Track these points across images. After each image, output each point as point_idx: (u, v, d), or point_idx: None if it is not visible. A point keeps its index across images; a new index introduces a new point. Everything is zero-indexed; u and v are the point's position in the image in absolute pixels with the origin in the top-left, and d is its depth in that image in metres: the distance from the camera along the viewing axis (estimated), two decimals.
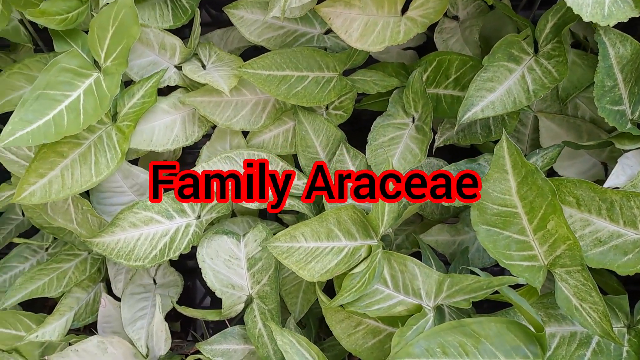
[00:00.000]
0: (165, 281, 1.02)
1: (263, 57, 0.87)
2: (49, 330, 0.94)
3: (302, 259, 0.78)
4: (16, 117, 0.80)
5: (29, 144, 0.79)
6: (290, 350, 0.75)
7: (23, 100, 0.81)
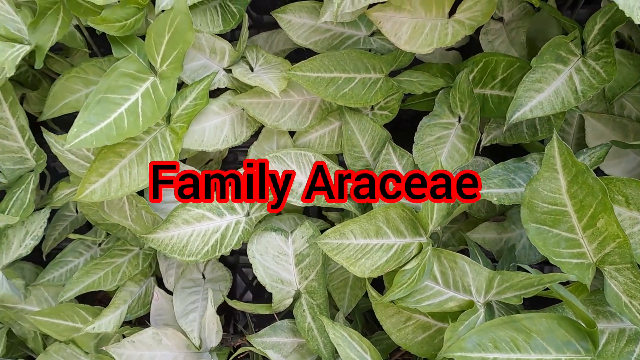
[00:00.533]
0: (214, 276, 1.05)
1: (312, 59, 0.90)
2: (105, 322, 0.98)
3: (352, 255, 0.80)
4: (80, 120, 0.84)
5: (93, 145, 0.83)
6: (342, 344, 0.78)
7: (86, 103, 0.85)
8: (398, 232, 0.81)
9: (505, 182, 0.82)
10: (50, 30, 0.92)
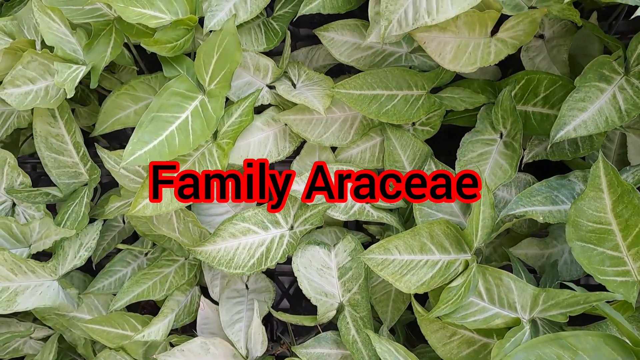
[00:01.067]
0: (257, 287, 1.08)
1: (354, 77, 0.92)
2: (154, 330, 1.02)
3: (397, 271, 0.82)
4: (135, 138, 0.87)
5: (147, 162, 0.87)
6: (389, 358, 0.80)
7: (140, 122, 0.88)
8: (442, 248, 0.83)
9: (548, 199, 0.83)
10: (103, 50, 0.96)
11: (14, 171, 1.01)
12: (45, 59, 0.94)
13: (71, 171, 1.04)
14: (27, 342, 1.21)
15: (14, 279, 0.97)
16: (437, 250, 0.83)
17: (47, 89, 0.95)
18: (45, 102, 0.94)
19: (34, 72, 0.94)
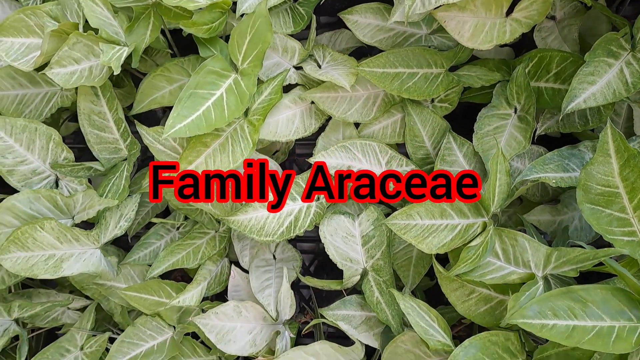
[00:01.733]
0: (284, 256, 1.15)
1: (378, 56, 0.99)
2: (189, 296, 1.09)
3: (420, 234, 0.89)
4: (174, 112, 0.94)
5: (186, 135, 0.93)
6: (412, 313, 0.87)
7: (179, 98, 0.95)
8: (461, 213, 0.89)
9: (560, 167, 0.90)
10: (143, 33, 1.02)
11: (59, 147, 1.08)
12: (90, 40, 1.01)
13: (112, 147, 1.11)
14: (65, 312, 1.28)
15: (60, 246, 1.04)
16: (457, 215, 0.89)
17: (91, 68, 1.02)
18: (89, 80, 1.01)
19: (79, 52, 1.01)
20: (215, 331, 1.03)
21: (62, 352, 1.20)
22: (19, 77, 1.12)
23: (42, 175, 1.09)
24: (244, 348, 1.03)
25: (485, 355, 0.79)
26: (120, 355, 1.12)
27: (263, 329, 1.06)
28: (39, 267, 1.03)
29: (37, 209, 1.06)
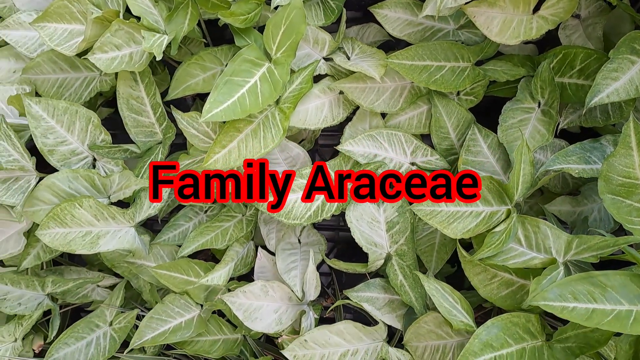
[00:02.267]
0: (309, 240, 1.19)
1: (407, 49, 1.03)
2: (217, 276, 1.14)
3: (445, 220, 0.93)
4: (211, 98, 0.98)
5: (222, 119, 0.98)
6: (436, 295, 0.91)
7: (216, 84, 0.99)
8: (486, 201, 0.93)
9: (582, 159, 0.93)
10: (182, 22, 1.07)
11: (97, 129, 1.13)
12: (131, 27, 1.05)
13: (147, 130, 1.15)
14: (95, 289, 1.33)
15: (97, 224, 1.09)
16: (481, 203, 0.93)
17: (131, 55, 1.07)
18: (129, 66, 1.06)
19: (120, 39, 1.06)
20: (242, 309, 1.08)
21: (92, 327, 1.25)
22: (60, 62, 1.17)
23: (80, 156, 1.14)
24: (270, 326, 1.08)
25: (506, 335, 0.83)
26: (149, 330, 1.17)
27: (288, 309, 1.10)
28: (76, 243, 1.07)
29: (75, 188, 1.11)
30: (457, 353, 0.93)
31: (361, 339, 1.01)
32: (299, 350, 1.02)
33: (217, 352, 1.19)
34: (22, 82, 1.20)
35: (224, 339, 1.20)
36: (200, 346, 1.19)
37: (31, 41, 1.19)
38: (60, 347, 1.20)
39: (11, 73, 1.23)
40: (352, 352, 1.01)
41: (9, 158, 1.11)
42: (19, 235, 1.20)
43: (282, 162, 1.16)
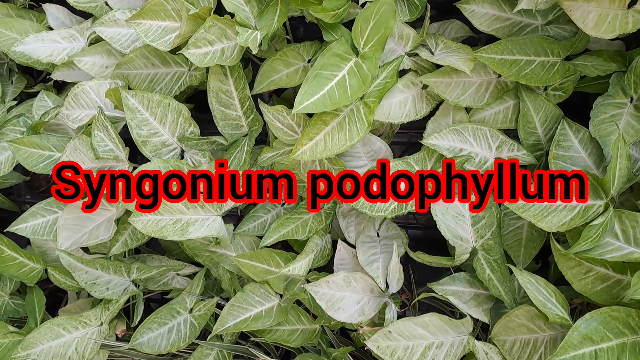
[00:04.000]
0: (388, 234, 1.20)
1: (496, 44, 1.03)
2: (298, 266, 1.16)
3: (539, 213, 0.93)
4: (302, 91, 1.01)
5: (314, 111, 1.00)
6: (530, 287, 0.90)
7: (306, 78, 1.02)
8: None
9: None
10: (271, 18, 1.10)
11: (187, 122, 1.17)
12: (224, 24, 1.09)
13: (234, 123, 1.19)
14: (175, 277, 1.38)
15: (186, 212, 1.13)
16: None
17: (223, 50, 1.11)
18: (221, 61, 1.10)
19: (213, 35, 1.10)
20: (325, 299, 1.10)
21: (173, 313, 1.29)
22: (151, 57, 1.23)
23: (170, 147, 1.19)
24: (352, 316, 1.09)
25: (606, 329, 0.82)
26: (230, 318, 1.20)
27: (370, 300, 1.11)
28: (167, 230, 1.12)
29: None
30: (549, 347, 0.92)
31: (446, 332, 1.01)
32: (383, 342, 1.03)
33: (296, 342, 1.21)
34: (114, 76, 1.25)
35: (302, 329, 1.23)
36: (279, 335, 1.22)
37: (124, 38, 1.25)
38: (144, 331, 1.25)
39: (104, 68, 1.30)
40: (437, 344, 1.01)
41: (105, 148, 1.16)
42: (109, 222, 1.26)
43: (363, 156, 1.17)
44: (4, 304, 1.44)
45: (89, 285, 1.26)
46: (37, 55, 1.33)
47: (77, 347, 1.27)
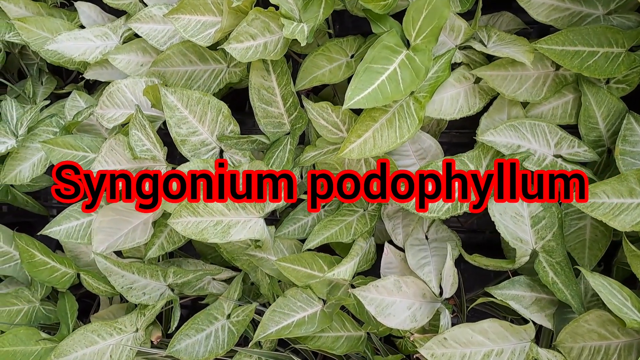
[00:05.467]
0: (438, 237, 1.15)
1: (557, 34, 0.97)
2: (343, 270, 1.10)
3: (609, 212, 0.87)
4: (352, 85, 0.96)
5: (365, 106, 0.95)
6: (603, 291, 0.84)
7: (356, 72, 0.97)
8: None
9: None
10: (316, 11, 1.06)
11: (227, 120, 1.13)
12: (268, 17, 1.05)
13: (276, 121, 1.15)
14: (211, 282, 1.33)
15: (227, 214, 1.08)
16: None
17: (266, 44, 1.07)
18: (264, 55, 1.06)
19: (255, 29, 1.06)
20: (374, 304, 1.04)
21: (210, 319, 1.24)
22: (189, 54, 1.19)
23: (209, 147, 1.15)
24: (404, 322, 1.04)
25: None
26: (272, 324, 1.15)
27: (422, 306, 1.06)
28: (208, 232, 1.07)
29: None
30: (623, 355, 0.86)
31: (507, 339, 0.95)
32: (437, 349, 0.97)
33: (341, 349, 1.16)
34: (150, 74, 1.22)
35: (347, 336, 1.17)
36: (323, 342, 1.16)
37: (161, 34, 1.21)
38: (182, 338, 1.20)
39: (139, 67, 1.26)
40: (496, 352, 0.95)
41: (142, 147, 1.12)
42: (145, 224, 1.22)
43: (412, 155, 1.12)
44: (35, 310, 1.40)
45: (125, 289, 1.21)
46: (70, 54, 1.29)
47: (112, 355, 1.23)
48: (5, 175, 1.28)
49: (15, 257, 1.42)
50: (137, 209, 1.19)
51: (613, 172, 0.99)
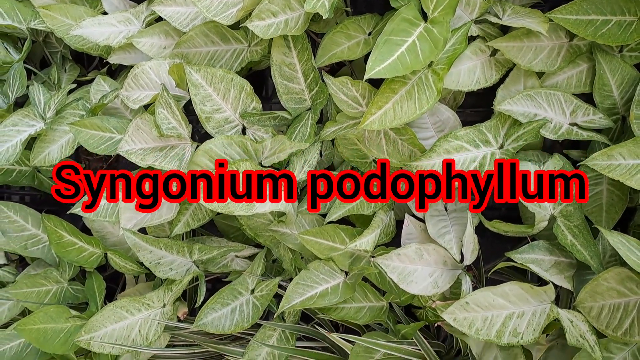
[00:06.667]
0: (457, 207, 1.17)
1: (571, 4, 1.00)
2: (364, 241, 1.13)
3: (625, 172, 0.89)
4: (373, 56, 0.99)
5: (386, 76, 0.98)
6: (622, 248, 0.87)
7: (376, 43, 1.00)
8: None
9: None
10: None
11: (249, 97, 1.16)
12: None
13: (297, 97, 1.18)
14: (234, 259, 1.36)
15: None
16: None
17: (287, 21, 1.10)
18: (285, 32, 1.09)
19: (277, 6, 1.09)
20: (397, 272, 1.07)
21: (235, 294, 1.28)
22: (211, 35, 1.22)
23: (232, 124, 1.18)
24: (426, 289, 1.06)
25: None
26: (296, 295, 1.18)
27: (443, 273, 1.09)
28: (234, 205, 1.10)
29: (229, 154, 1.14)
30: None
31: (527, 301, 0.98)
32: (460, 313, 1.00)
33: (364, 319, 1.19)
34: (173, 56, 1.25)
35: (369, 306, 1.20)
36: (346, 313, 1.19)
37: (183, 16, 1.25)
38: (208, 312, 1.24)
39: (162, 49, 1.30)
40: (517, 314, 0.98)
41: (168, 125, 1.16)
42: None
43: (430, 127, 1.15)
44: (64, 291, 1.44)
45: (153, 265, 1.25)
46: (95, 39, 1.33)
47: (140, 330, 1.26)
48: (35, 157, 1.32)
49: (43, 240, 1.46)
50: (137, 209, 1.22)
51: (627, 138, 1.01)
